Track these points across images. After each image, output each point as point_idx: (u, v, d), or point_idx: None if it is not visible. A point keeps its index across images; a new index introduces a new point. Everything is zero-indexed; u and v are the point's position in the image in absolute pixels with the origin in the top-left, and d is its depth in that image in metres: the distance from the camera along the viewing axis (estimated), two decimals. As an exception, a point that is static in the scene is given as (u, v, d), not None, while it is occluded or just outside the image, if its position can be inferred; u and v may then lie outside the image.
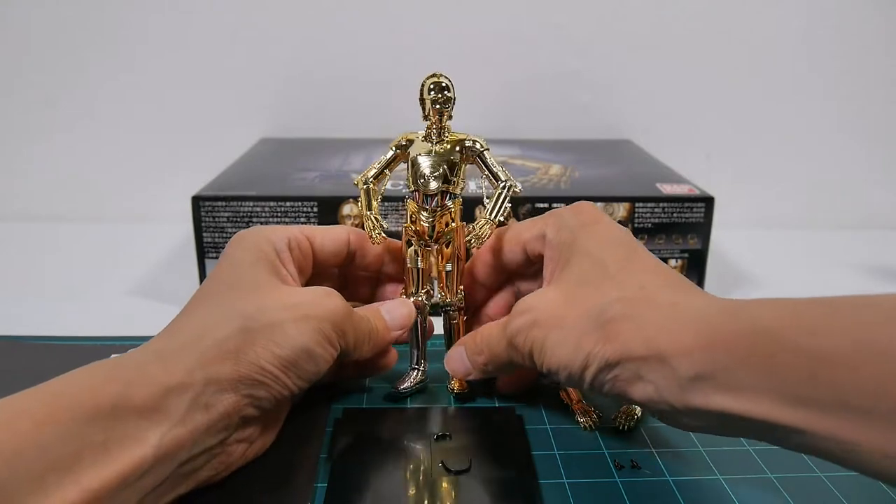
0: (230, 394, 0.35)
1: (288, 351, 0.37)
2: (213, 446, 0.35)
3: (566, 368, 0.37)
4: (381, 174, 0.49)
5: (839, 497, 0.41)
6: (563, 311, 0.39)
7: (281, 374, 0.37)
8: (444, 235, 0.48)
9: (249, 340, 0.36)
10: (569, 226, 0.43)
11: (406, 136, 0.48)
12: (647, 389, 0.34)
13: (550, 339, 0.38)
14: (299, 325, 0.38)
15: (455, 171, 0.47)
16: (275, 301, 0.39)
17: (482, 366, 0.44)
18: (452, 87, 0.46)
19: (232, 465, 0.38)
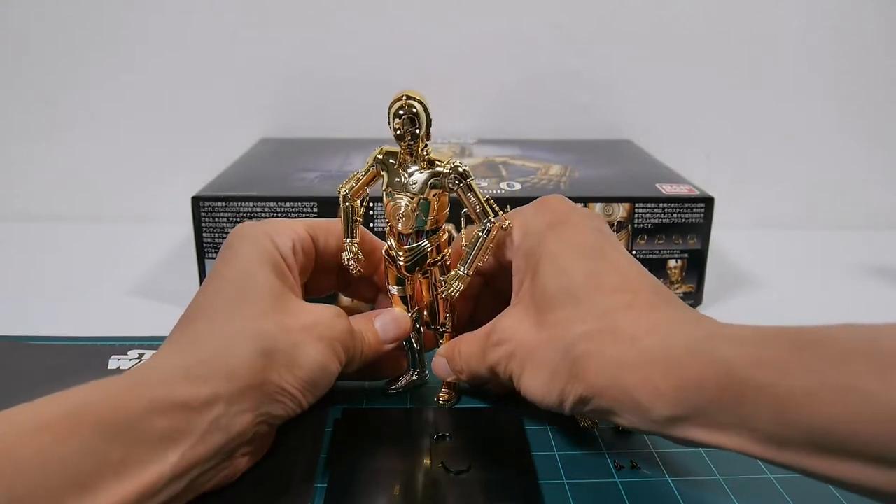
0: (249, 414, 0.36)
1: (308, 372, 0.38)
2: (222, 461, 0.36)
3: (544, 400, 0.39)
4: (359, 191, 0.45)
5: (839, 498, 0.41)
6: (535, 338, 0.40)
7: (299, 394, 0.38)
8: (422, 271, 0.45)
9: (272, 363, 0.37)
10: (534, 230, 0.42)
11: (384, 149, 0.44)
12: (627, 420, 0.35)
13: (526, 374, 0.40)
14: (318, 346, 0.39)
15: (430, 207, 0.43)
16: (293, 321, 0.39)
17: (462, 377, 0.46)
18: (424, 109, 0.40)
19: (235, 475, 0.38)
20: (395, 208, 0.43)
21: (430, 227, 0.44)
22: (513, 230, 0.43)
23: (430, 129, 0.42)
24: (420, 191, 0.43)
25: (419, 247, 0.45)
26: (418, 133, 0.41)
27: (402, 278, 0.47)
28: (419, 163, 0.43)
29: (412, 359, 0.52)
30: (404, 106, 0.40)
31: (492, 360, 0.42)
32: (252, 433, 0.37)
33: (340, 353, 0.41)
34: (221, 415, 0.34)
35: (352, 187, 0.45)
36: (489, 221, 0.43)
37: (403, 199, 0.43)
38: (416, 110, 0.40)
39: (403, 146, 0.42)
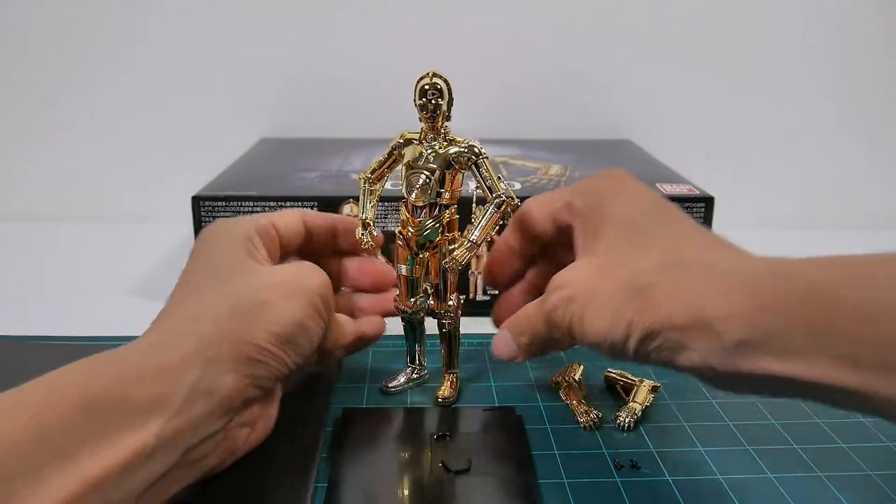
0: (231, 376, 0.35)
1: (283, 327, 0.37)
2: (217, 431, 0.35)
3: (607, 340, 0.36)
4: (381, 174, 0.49)
5: (839, 497, 0.41)
6: (598, 282, 0.37)
7: (279, 350, 0.37)
8: (433, 247, 0.47)
9: (244, 321, 0.36)
10: (596, 191, 0.42)
11: (405, 135, 0.48)
12: (692, 357, 0.33)
13: (588, 313, 0.37)
14: (290, 300, 0.38)
15: (446, 181, 0.46)
16: (262, 280, 0.39)
17: (527, 346, 0.43)
18: (448, 88, 0.45)
19: (237, 452, 0.38)
20: (412, 180, 0.46)
21: (443, 202, 0.46)
22: (574, 194, 0.43)
23: (452, 107, 0.45)
24: (438, 165, 0.46)
25: (430, 221, 0.47)
26: (441, 106, 0.44)
27: (412, 257, 0.48)
28: (439, 139, 0.46)
29: (412, 356, 0.52)
30: (430, 81, 0.44)
31: (550, 305, 0.39)
32: (241, 398, 0.36)
33: (318, 304, 0.39)
34: (200, 378, 0.33)
35: (373, 170, 0.49)
36: (499, 197, 0.46)
37: (421, 172, 0.46)
38: (440, 86, 0.44)
39: (426, 119, 0.45)
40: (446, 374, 0.51)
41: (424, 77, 0.45)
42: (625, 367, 0.54)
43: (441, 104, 0.45)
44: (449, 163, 0.46)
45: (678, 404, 0.50)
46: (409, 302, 0.49)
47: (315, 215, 0.49)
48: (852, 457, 0.45)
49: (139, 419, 0.31)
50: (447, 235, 0.47)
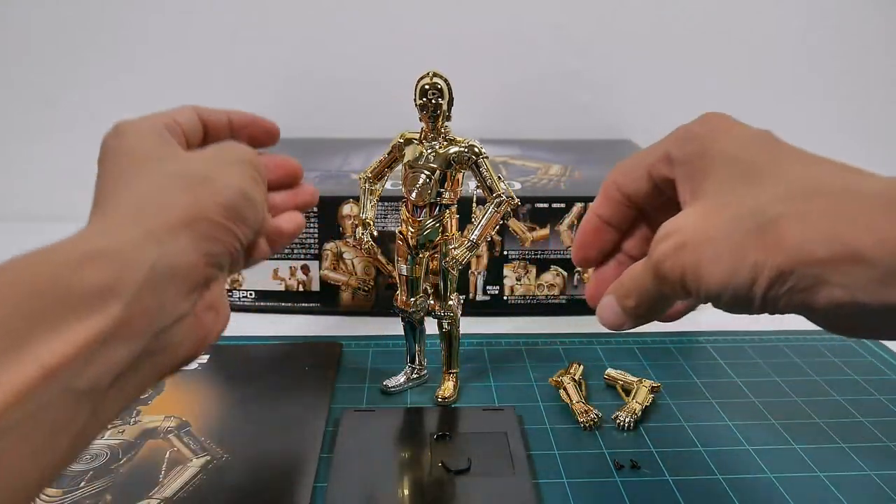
0: (191, 254, 0.33)
1: (229, 197, 0.35)
2: (185, 314, 0.33)
3: (729, 288, 0.31)
4: (381, 173, 0.49)
5: (839, 497, 0.41)
6: (712, 223, 0.33)
7: (229, 223, 0.35)
8: (432, 246, 0.48)
9: (192, 197, 0.34)
10: (696, 135, 0.37)
11: (405, 134, 0.48)
12: (835, 294, 0.29)
13: (705, 258, 0.32)
14: (230, 172, 0.36)
15: (446, 181, 0.46)
16: (196, 158, 0.37)
17: (633, 309, 0.38)
18: (448, 88, 0.45)
19: (209, 337, 0.36)
20: (412, 180, 0.46)
21: (443, 202, 0.47)
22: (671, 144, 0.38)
23: (452, 107, 0.45)
24: (438, 165, 0.46)
25: (430, 221, 0.47)
26: (441, 106, 0.45)
27: (412, 257, 0.48)
28: (439, 139, 0.46)
29: (412, 356, 0.52)
30: (430, 80, 0.45)
31: (657, 256, 0.34)
32: (202, 276, 0.34)
33: (255, 174, 0.38)
34: (159, 257, 0.31)
35: (374, 170, 0.49)
36: (499, 196, 0.45)
37: (422, 172, 0.46)
38: (440, 86, 0.44)
39: (427, 119, 0.45)
40: (446, 374, 0.51)
41: (425, 77, 0.45)
42: (625, 367, 0.54)
43: (441, 104, 0.45)
44: (449, 162, 0.46)
45: (678, 404, 0.50)
46: (409, 302, 0.49)
47: (208, 109, 0.46)
48: (852, 457, 0.45)
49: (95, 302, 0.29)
50: (447, 235, 0.48)
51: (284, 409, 0.48)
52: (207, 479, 0.41)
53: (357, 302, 0.65)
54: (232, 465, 0.42)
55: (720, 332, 0.61)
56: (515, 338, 0.60)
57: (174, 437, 0.45)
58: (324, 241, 0.64)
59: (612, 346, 0.59)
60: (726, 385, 0.53)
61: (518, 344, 0.59)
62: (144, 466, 0.42)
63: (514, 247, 0.64)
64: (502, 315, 0.65)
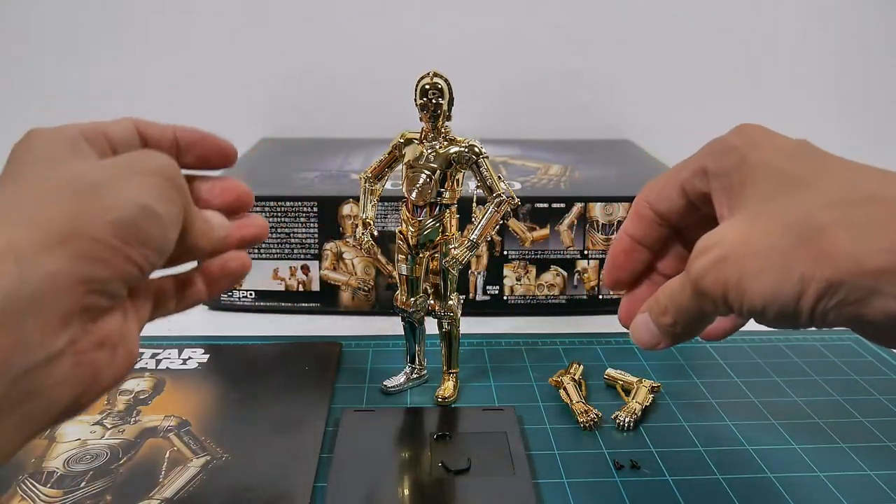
0: (62, 279, 0.27)
1: (123, 212, 0.29)
2: (59, 353, 0.28)
3: (775, 303, 0.30)
4: (382, 173, 0.49)
5: (839, 497, 0.41)
6: (755, 235, 0.31)
7: (120, 243, 0.29)
8: (432, 246, 0.48)
9: (72, 209, 0.28)
10: (733, 147, 0.35)
11: (405, 134, 0.48)
12: (889, 305, 0.28)
13: (748, 272, 0.30)
14: (131, 181, 0.30)
15: (446, 181, 0.46)
16: (94, 166, 0.31)
17: (669, 327, 0.36)
18: (448, 87, 0.45)
19: (101, 379, 0.30)
20: (412, 179, 0.46)
21: (443, 202, 0.47)
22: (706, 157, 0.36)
23: (452, 107, 0.45)
24: (438, 164, 0.46)
25: (430, 221, 0.47)
26: (442, 106, 0.45)
27: (412, 257, 0.48)
28: (439, 139, 0.46)
29: (412, 356, 0.52)
30: (431, 80, 0.45)
31: (697, 271, 0.32)
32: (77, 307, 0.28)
33: (167, 188, 0.31)
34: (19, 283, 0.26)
35: (374, 169, 0.49)
36: (499, 196, 0.45)
37: (422, 171, 0.46)
38: (441, 86, 0.44)
39: (427, 119, 0.45)
40: (446, 374, 0.51)
41: (425, 77, 0.45)
42: (625, 367, 0.54)
43: (442, 104, 0.45)
44: (450, 162, 0.46)
45: (678, 404, 0.50)
46: (409, 301, 0.49)
47: (150, 124, 0.39)
48: (852, 457, 0.45)
49: None
50: (447, 235, 0.48)
51: (284, 409, 0.48)
52: (207, 479, 0.41)
53: (357, 302, 0.65)
54: (232, 465, 0.43)
55: (720, 332, 0.61)
56: (515, 338, 0.60)
57: (174, 436, 0.45)
58: (324, 241, 0.64)
59: (612, 346, 0.59)
60: (726, 385, 0.53)
61: (518, 344, 0.59)
62: (144, 466, 0.42)
63: (514, 247, 0.64)
64: (502, 315, 0.65)
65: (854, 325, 0.29)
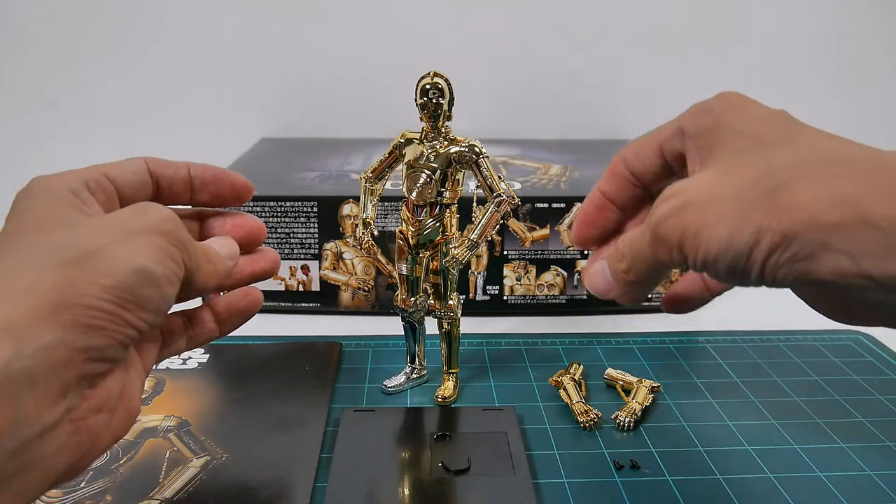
0: (57, 351, 0.27)
1: (118, 277, 0.29)
2: (54, 424, 0.27)
3: (728, 252, 0.29)
4: (382, 173, 0.49)
5: (839, 497, 0.41)
6: (719, 186, 0.31)
7: (117, 308, 0.29)
8: (432, 246, 0.48)
9: (67, 278, 0.28)
10: (711, 110, 0.35)
11: (406, 134, 0.48)
12: (840, 262, 0.27)
13: (707, 220, 0.30)
14: (125, 244, 0.30)
15: (447, 180, 0.46)
16: (89, 228, 0.31)
17: (624, 274, 0.35)
18: (449, 87, 0.45)
19: (95, 445, 0.30)
20: (413, 179, 0.46)
21: (443, 201, 0.47)
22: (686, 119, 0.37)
23: (453, 106, 0.45)
24: (439, 164, 0.46)
25: (430, 220, 0.47)
26: (442, 105, 0.45)
27: (412, 257, 0.48)
28: (440, 139, 0.46)
29: (412, 356, 0.52)
30: (431, 80, 0.45)
31: (658, 216, 0.32)
32: (77, 378, 0.28)
33: (166, 245, 0.31)
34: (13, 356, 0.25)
35: (374, 170, 0.49)
36: (499, 196, 0.45)
37: (422, 171, 0.46)
38: (441, 86, 0.44)
39: (427, 119, 0.45)
40: (446, 374, 0.51)
41: (425, 77, 0.45)
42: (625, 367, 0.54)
43: (442, 103, 0.45)
44: (450, 162, 0.46)
45: (678, 404, 0.50)
46: (409, 301, 0.49)
47: (163, 163, 0.39)
48: (852, 457, 0.45)
49: None
50: (447, 235, 0.48)
51: (284, 409, 0.48)
52: (207, 479, 0.41)
53: (357, 302, 0.65)
54: (232, 465, 0.43)
55: (720, 332, 0.61)
56: (515, 338, 0.60)
57: (174, 436, 0.45)
58: (324, 241, 0.64)
59: (612, 346, 0.59)
60: (726, 385, 0.53)
61: (518, 344, 0.59)
62: (144, 466, 0.42)
63: (514, 247, 0.64)
64: (502, 315, 0.65)
65: (803, 285, 0.29)
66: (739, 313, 0.65)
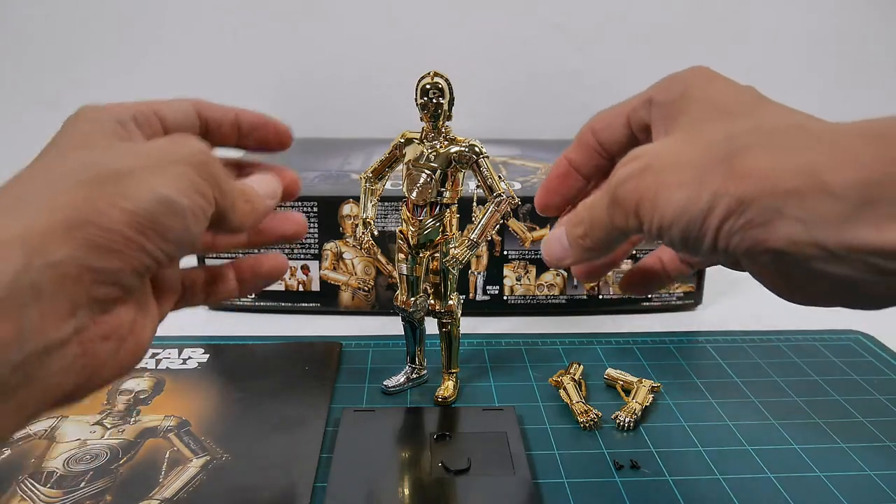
0: (67, 267, 0.26)
1: (140, 203, 0.28)
2: (63, 342, 0.27)
3: (683, 217, 0.29)
4: (382, 173, 0.49)
5: (839, 497, 0.41)
6: (680, 150, 0.31)
7: (135, 234, 0.28)
8: (432, 246, 0.48)
9: (87, 196, 0.27)
10: (680, 80, 0.36)
11: (406, 134, 0.48)
12: (793, 229, 0.27)
13: (664, 183, 0.30)
14: (154, 171, 0.29)
15: (447, 180, 0.46)
16: (120, 150, 0.31)
17: (580, 238, 0.35)
18: (449, 87, 0.45)
19: (101, 371, 0.29)
20: (413, 179, 0.46)
21: (443, 201, 0.47)
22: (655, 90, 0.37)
23: (453, 106, 0.45)
24: (439, 164, 0.46)
25: (430, 220, 0.47)
26: (442, 105, 0.45)
27: (412, 257, 0.48)
28: (440, 139, 0.46)
29: (412, 356, 0.52)
30: (431, 80, 0.45)
31: (618, 178, 0.32)
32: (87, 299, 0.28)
33: (196, 178, 0.30)
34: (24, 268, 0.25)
35: (374, 168, 0.49)
36: (499, 195, 0.45)
37: (422, 171, 0.46)
38: (441, 85, 0.44)
39: (427, 118, 0.45)
40: (446, 374, 0.51)
41: (426, 76, 0.45)
42: (625, 367, 0.54)
43: (442, 103, 0.45)
44: (450, 161, 0.46)
45: (678, 404, 0.50)
46: (409, 301, 0.49)
47: (211, 106, 0.39)
48: (852, 457, 0.45)
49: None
50: (447, 234, 0.48)
51: (284, 409, 0.48)
52: (207, 479, 0.41)
53: (357, 302, 0.65)
54: (232, 465, 0.43)
55: (720, 332, 0.61)
56: (515, 338, 0.60)
57: (174, 436, 0.45)
58: (324, 241, 0.64)
59: (612, 346, 0.59)
60: (726, 385, 0.53)
61: (518, 344, 0.59)
62: (144, 466, 0.42)
63: (514, 247, 0.64)
64: (502, 315, 0.65)
65: (756, 255, 0.29)
66: (739, 313, 0.65)
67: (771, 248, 0.28)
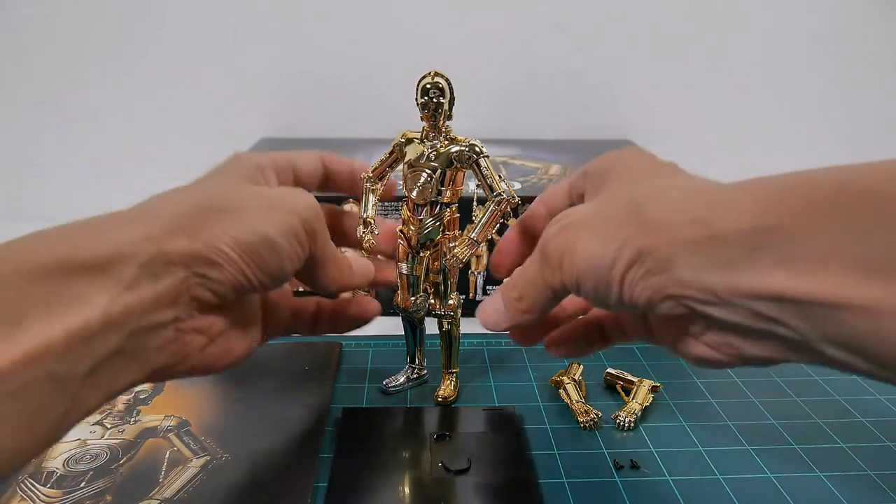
0: (179, 268, 0.33)
1: (247, 235, 0.34)
2: (164, 324, 0.33)
3: (594, 268, 0.32)
4: (382, 173, 0.49)
5: (839, 497, 0.41)
6: (597, 210, 0.34)
7: (237, 257, 0.34)
8: (433, 246, 0.48)
9: (207, 219, 0.34)
10: (611, 157, 0.39)
11: (406, 133, 0.48)
12: (687, 275, 0.29)
13: (581, 237, 0.33)
14: (265, 213, 0.35)
15: (447, 180, 0.46)
16: (243, 190, 0.37)
17: (516, 301, 0.38)
18: (449, 87, 0.45)
19: (189, 358, 0.35)
20: (413, 178, 0.46)
21: (443, 200, 0.46)
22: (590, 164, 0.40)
23: (453, 106, 0.46)
24: (439, 163, 0.46)
25: (430, 220, 0.47)
26: (443, 105, 0.45)
27: (413, 256, 0.48)
28: (440, 138, 0.46)
29: (412, 356, 0.52)
30: (432, 80, 0.45)
31: (544, 238, 0.35)
32: (189, 295, 0.33)
33: (298, 228, 0.36)
34: (147, 262, 0.31)
35: (375, 168, 0.49)
36: (499, 195, 0.46)
37: (423, 170, 0.46)
38: (442, 85, 0.45)
39: (428, 118, 0.45)
40: (446, 373, 0.51)
41: (426, 76, 0.45)
42: (625, 367, 0.54)
43: (442, 103, 0.45)
44: (450, 161, 0.46)
45: (678, 404, 0.50)
46: (409, 301, 0.49)
47: (334, 158, 0.46)
48: (852, 456, 0.45)
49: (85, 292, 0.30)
50: (448, 234, 0.48)
51: (284, 409, 0.48)
52: (207, 479, 0.41)
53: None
54: (232, 465, 0.43)
55: (720, 332, 0.61)
56: (515, 338, 0.60)
57: (174, 436, 0.45)
58: (324, 241, 0.64)
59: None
60: (726, 385, 0.53)
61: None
62: (144, 466, 0.42)
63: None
64: (502, 315, 0.65)
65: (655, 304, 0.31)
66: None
67: (668, 295, 0.30)
